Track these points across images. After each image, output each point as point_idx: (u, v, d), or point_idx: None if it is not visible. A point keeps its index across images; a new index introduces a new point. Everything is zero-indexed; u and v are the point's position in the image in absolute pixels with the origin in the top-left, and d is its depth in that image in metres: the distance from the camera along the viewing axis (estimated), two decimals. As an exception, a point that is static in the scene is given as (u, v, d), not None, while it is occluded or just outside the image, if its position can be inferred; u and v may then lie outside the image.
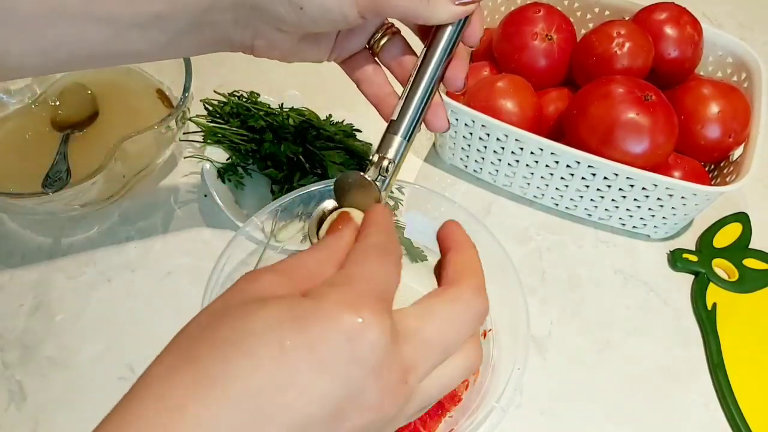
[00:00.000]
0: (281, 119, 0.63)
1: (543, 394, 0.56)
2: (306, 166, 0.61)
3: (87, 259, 0.60)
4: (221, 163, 0.64)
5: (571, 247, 0.65)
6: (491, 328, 0.54)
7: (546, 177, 0.63)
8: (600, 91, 0.60)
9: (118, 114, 0.65)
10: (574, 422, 0.55)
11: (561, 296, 0.62)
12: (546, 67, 0.67)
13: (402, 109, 0.39)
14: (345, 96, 0.76)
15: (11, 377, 0.52)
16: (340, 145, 0.64)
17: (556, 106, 0.67)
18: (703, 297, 0.62)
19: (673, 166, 0.63)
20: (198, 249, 0.61)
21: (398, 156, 0.38)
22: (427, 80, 0.39)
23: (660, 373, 0.58)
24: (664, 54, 0.65)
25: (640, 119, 0.58)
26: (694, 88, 0.64)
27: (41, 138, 0.62)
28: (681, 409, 0.56)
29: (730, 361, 0.58)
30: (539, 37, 0.66)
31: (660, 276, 0.64)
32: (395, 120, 0.38)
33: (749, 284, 0.63)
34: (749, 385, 0.57)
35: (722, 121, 0.62)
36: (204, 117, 0.66)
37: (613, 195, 0.61)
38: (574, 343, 0.59)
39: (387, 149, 0.38)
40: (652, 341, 0.60)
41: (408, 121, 0.38)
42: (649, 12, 0.67)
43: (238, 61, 0.76)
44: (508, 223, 0.66)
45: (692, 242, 0.67)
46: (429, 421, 0.51)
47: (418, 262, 0.60)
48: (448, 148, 0.67)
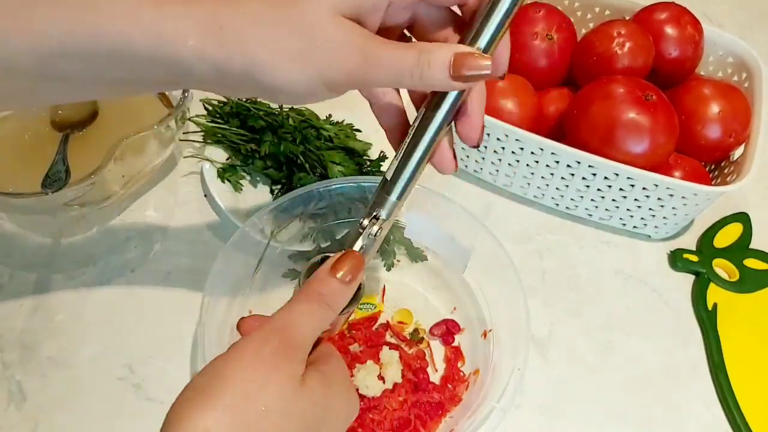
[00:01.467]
0: (281, 119, 0.63)
1: (543, 394, 0.56)
2: (306, 166, 0.61)
3: (87, 259, 0.60)
4: (221, 163, 0.64)
5: (572, 247, 0.65)
6: (491, 328, 0.54)
7: (546, 177, 0.63)
8: (600, 91, 0.60)
9: (118, 114, 0.65)
10: (574, 422, 0.55)
11: (561, 296, 0.62)
12: (546, 67, 0.67)
13: (397, 170, 0.36)
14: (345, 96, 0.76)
15: (11, 377, 0.52)
16: (340, 145, 0.64)
17: (557, 106, 0.67)
18: (703, 297, 0.62)
19: (674, 166, 0.63)
20: (198, 249, 0.61)
21: (390, 216, 0.37)
22: (426, 142, 0.35)
23: (660, 373, 0.58)
24: (665, 54, 0.65)
25: (640, 119, 0.58)
26: (695, 88, 0.64)
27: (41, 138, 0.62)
28: (681, 409, 0.56)
29: (730, 361, 0.58)
30: (540, 37, 0.66)
31: (660, 276, 0.64)
32: (389, 180, 0.36)
33: (750, 284, 0.63)
34: (750, 385, 0.57)
35: (723, 121, 0.62)
36: (204, 117, 0.66)
37: (613, 195, 0.61)
38: (575, 344, 0.59)
39: (380, 209, 0.37)
40: (653, 341, 0.60)
41: (403, 184, 0.36)
42: (650, 12, 0.67)
43: (238, 60, 0.77)
44: (509, 223, 0.66)
45: (693, 242, 0.67)
46: (429, 422, 0.51)
47: (418, 262, 0.60)
48: (449, 148, 0.67)
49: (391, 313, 0.58)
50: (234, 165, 0.64)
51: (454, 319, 0.57)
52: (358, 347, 0.55)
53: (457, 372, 0.55)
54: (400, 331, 0.57)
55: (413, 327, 0.57)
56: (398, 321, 0.57)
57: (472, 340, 0.57)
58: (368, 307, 0.58)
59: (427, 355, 0.56)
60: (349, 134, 0.65)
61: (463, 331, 0.57)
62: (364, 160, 0.64)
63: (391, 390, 0.52)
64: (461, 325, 0.57)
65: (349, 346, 0.55)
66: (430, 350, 0.56)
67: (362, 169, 0.63)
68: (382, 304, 0.58)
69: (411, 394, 0.52)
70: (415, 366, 0.54)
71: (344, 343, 0.55)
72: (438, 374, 0.55)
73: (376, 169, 0.63)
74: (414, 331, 0.57)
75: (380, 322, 0.57)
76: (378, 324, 0.57)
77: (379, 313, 0.58)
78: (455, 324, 0.57)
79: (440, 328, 0.57)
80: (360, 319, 0.57)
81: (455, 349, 0.56)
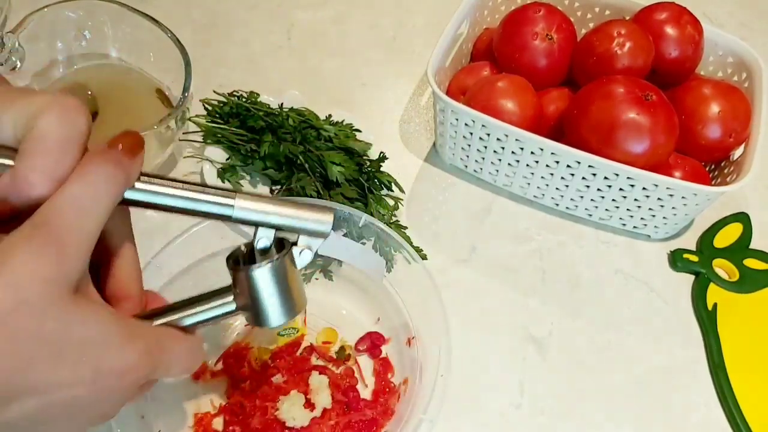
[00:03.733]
0: (281, 119, 0.63)
1: (543, 394, 0.56)
2: (306, 167, 0.61)
3: (87, 259, 0.60)
4: (221, 163, 0.64)
5: (572, 247, 0.65)
6: (414, 335, 0.54)
7: (546, 177, 0.63)
8: (600, 91, 0.60)
9: (118, 114, 0.65)
10: (574, 422, 0.55)
11: (561, 296, 0.62)
12: (546, 67, 0.67)
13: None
14: (345, 96, 0.76)
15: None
16: (339, 146, 0.64)
17: (557, 106, 0.67)
18: (703, 297, 0.62)
19: (674, 166, 0.63)
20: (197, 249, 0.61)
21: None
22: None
23: (660, 373, 0.58)
24: (665, 54, 0.65)
25: (640, 119, 0.58)
26: (695, 88, 0.64)
27: (41, 138, 0.62)
28: (681, 409, 0.56)
29: (730, 361, 0.58)
30: (539, 37, 0.66)
31: (660, 276, 0.64)
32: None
33: (750, 284, 0.63)
34: (750, 385, 0.57)
35: (723, 120, 0.62)
36: (204, 117, 0.66)
37: (613, 195, 0.61)
38: (575, 344, 0.59)
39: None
40: (653, 341, 0.60)
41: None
42: (650, 12, 0.67)
43: (238, 61, 0.77)
44: (509, 223, 0.66)
45: (693, 242, 0.67)
46: None
47: (333, 280, 0.59)
48: (448, 148, 0.67)
49: (314, 335, 0.56)
50: (234, 165, 0.64)
51: (377, 331, 0.56)
52: (281, 378, 0.53)
53: (387, 384, 0.53)
54: (325, 352, 0.55)
55: (339, 345, 0.56)
56: (323, 341, 0.56)
57: (398, 348, 0.55)
58: (291, 332, 0.55)
59: (356, 371, 0.54)
60: (349, 134, 0.65)
61: (389, 341, 0.56)
62: (364, 160, 0.64)
63: (320, 416, 0.51)
64: (386, 334, 0.56)
65: (272, 377, 0.53)
66: (358, 366, 0.55)
67: (362, 169, 0.63)
68: (304, 327, 0.56)
69: (342, 416, 0.51)
70: (345, 385, 0.53)
71: (267, 374, 0.53)
72: (369, 389, 0.54)
73: (375, 169, 0.63)
74: (340, 349, 0.55)
75: (304, 346, 0.55)
76: (302, 348, 0.55)
77: (302, 336, 0.55)
78: (379, 336, 0.56)
79: (365, 342, 0.55)
80: (283, 347, 0.54)
81: (383, 361, 0.55)
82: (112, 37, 0.67)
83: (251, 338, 0.55)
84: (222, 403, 0.52)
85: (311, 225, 0.36)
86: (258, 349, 0.54)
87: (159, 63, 0.66)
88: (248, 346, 0.55)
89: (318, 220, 0.36)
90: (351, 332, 0.56)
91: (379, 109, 0.74)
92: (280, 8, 0.82)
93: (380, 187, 0.63)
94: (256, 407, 0.51)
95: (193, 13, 0.80)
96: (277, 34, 0.79)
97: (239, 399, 0.51)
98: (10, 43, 0.61)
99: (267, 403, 0.51)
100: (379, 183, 0.63)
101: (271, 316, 0.35)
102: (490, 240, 0.65)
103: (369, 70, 0.77)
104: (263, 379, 0.52)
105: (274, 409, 0.50)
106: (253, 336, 0.55)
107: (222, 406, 0.52)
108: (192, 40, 0.73)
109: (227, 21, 0.80)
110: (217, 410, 0.52)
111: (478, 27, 0.73)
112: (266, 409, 0.50)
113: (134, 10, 0.64)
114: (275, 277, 0.35)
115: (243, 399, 0.51)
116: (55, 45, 0.66)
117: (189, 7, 0.80)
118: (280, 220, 0.35)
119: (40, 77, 0.66)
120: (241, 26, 0.79)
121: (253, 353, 0.54)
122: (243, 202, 0.34)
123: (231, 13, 0.81)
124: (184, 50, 0.62)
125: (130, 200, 0.33)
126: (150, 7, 0.65)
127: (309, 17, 0.81)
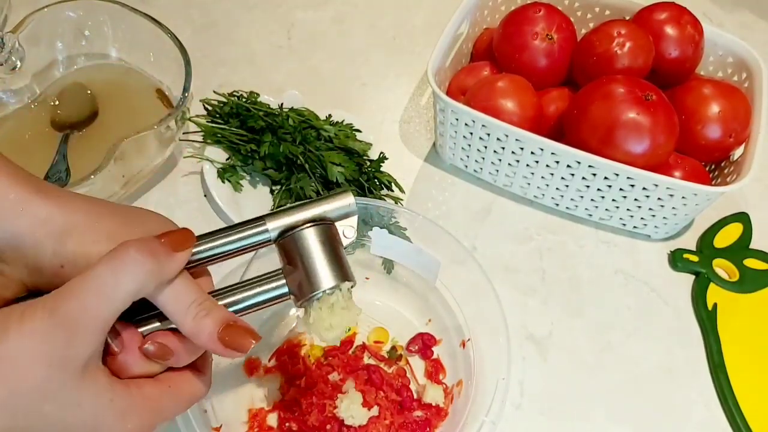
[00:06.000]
0: (281, 119, 0.63)
1: (543, 394, 0.56)
2: (306, 167, 0.61)
3: (87, 259, 0.60)
4: (221, 163, 0.64)
5: (572, 247, 0.65)
6: (469, 337, 0.54)
7: (546, 177, 0.63)
8: (600, 91, 0.60)
9: (118, 114, 0.65)
10: (574, 422, 0.55)
11: (561, 296, 0.62)
12: (546, 67, 0.67)
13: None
14: (345, 96, 0.76)
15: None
16: (340, 146, 0.64)
17: (557, 106, 0.67)
18: (703, 297, 0.62)
19: (674, 166, 0.63)
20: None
21: None
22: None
23: (660, 373, 0.58)
24: (665, 54, 0.65)
25: (640, 119, 0.58)
26: (695, 88, 0.64)
27: (41, 138, 0.62)
28: (681, 409, 0.56)
29: (730, 361, 0.58)
30: (540, 37, 0.66)
31: (660, 276, 0.64)
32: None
33: (750, 284, 0.63)
34: (750, 385, 0.57)
35: (723, 121, 0.62)
36: (204, 117, 0.66)
37: (613, 195, 0.61)
38: (575, 344, 0.59)
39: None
40: (653, 341, 0.59)
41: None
42: (650, 12, 0.67)
43: (238, 61, 0.77)
44: (509, 223, 0.66)
45: (693, 242, 0.67)
46: None
47: (388, 276, 0.59)
48: (448, 148, 0.67)
49: (366, 334, 0.56)
50: (234, 165, 0.64)
51: (428, 332, 0.56)
52: (337, 375, 0.53)
53: (439, 385, 0.54)
54: (377, 351, 0.55)
55: (390, 345, 0.56)
56: (374, 341, 0.56)
57: (451, 350, 0.56)
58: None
59: (408, 372, 0.55)
60: (349, 134, 0.65)
61: (440, 342, 0.56)
62: (364, 160, 0.64)
63: (377, 416, 0.51)
64: (437, 336, 0.56)
65: (328, 375, 0.53)
66: (409, 366, 0.55)
67: (362, 170, 0.63)
68: (356, 325, 0.56)
69: (397, 415, 0.51)
70: (397, 385, 0.53)
71: (322, 372, 0.53)
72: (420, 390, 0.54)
73: (375, 169, 0.63)
74: (391, 349, 0.56)
75: (356, 345, 0.56)
76: (354, 347, 0.56)
77: (354, 335, 0.56)
78: (431, 337, 0.56)
79: (416, 343, 0.56)
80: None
81: (435, 362, 0.55)
82: (112, 37, 0.67)
83: (303, 336, 0.55)
84: (276, 399, 0.52)
85: (337, 204, 0.38)
86: (311, 346, 0.55)
87: (159, 63, 0.66)
88: (301, 344, 0.55)
89: (340, 201, 0.38)
90: (401, 332, 0.57)
91: (379, 109, 0.74)
92: (280, 8, 0.82)
93: (380, 187, 0.63)
94: (313, 404, 0.50)
95: (193, 13, 0.80)
96: (277, 34, 0.79)
97: (295, 395, 0.52)
98: (10, 43, 0.61)
99: (325, 401, 0.51)
100: (379, 183, 0.63)
101: (321, 276, 0.36)
102: (490, 240, 0.65)
103: (369, 70, 0.77)
104: (319, 376, 0.53)
105: (332, 406, 0.50)
106: (306, 333, 0.55)
107: (276, 403, 0.52)
108: (192, 40, 0.73)
109: (227, 21, 0.80)
110: (272, 406, 0.52)
111: (478, 27, 0.73)
112: (324, 407, 0.50)
113: (134, 10, 0.64)
114: (322, 236, 0.37)
115: (299, 396, 0.51)
116: (55, 45, 0.66)
117: (189, 7, 0.80)
118: (309, 214, 0.37)
119: (40, 77, 0.66)
120: (241, 26, 0.79)
121: (306, 351, 0.54)
122: (272, 224, 0.37)
123: (231, 13, 0.81)
124: (184, 50, 0.62)
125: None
126: (150, 7, 0.65)
127: (309, 17, 0.81)
